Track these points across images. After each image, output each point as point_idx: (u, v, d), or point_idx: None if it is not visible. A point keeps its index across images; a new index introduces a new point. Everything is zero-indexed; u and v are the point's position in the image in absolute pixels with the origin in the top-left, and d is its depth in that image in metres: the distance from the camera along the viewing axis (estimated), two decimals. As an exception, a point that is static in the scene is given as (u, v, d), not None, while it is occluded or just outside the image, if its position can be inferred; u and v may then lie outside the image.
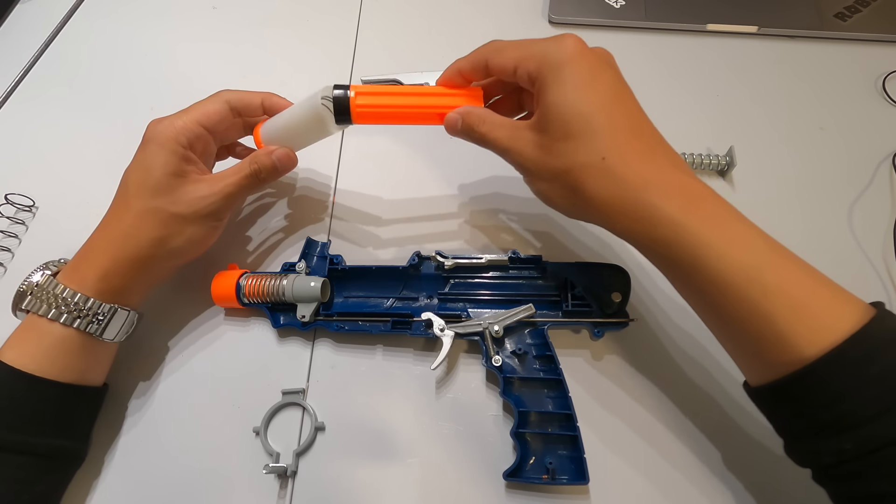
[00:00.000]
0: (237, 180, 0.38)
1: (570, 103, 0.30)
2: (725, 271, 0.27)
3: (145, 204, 0.36)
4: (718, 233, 0.28)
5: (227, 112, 0.39)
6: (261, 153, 0.38)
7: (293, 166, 0.40)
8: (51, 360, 0.33)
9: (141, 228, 0.36)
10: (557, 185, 0.32)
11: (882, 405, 0.24)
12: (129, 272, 0.36)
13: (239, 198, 0.39)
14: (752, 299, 0.27)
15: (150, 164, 0.36)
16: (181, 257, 0.38)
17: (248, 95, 0.40)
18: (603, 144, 0.30)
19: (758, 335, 0.27)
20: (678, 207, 0.29)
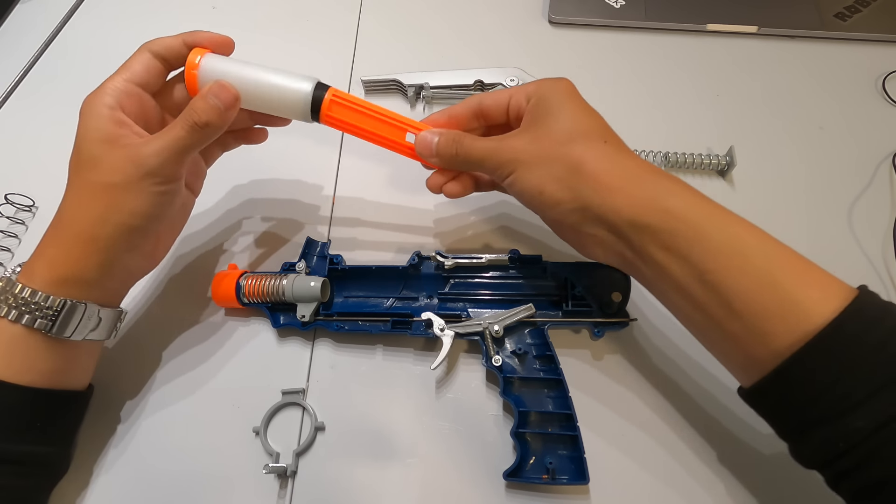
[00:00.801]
0: (175, 134, 0.32)
1: (571, 107, 0.33)
2: (735, 239, 0.28)
3: (77, 180, 0.33)
4: (720, 209, 0.30)
5: (154, 61, 0.35)
6: (196, 99, 0.33)
7: (235, 103, 0.34)
8: (5, 361, 0.31)
9: (79, 206, 0.32)
10: (556, 168, 0.32)
11: (886, 377, 0.24)
12: (77, 258, 0.32)
13: (182, 156, 0.33)
14: (762, 268, 0.27)
15: (79, 137, 0.33)
16: (136, 234, 0.33)
17: (169, 39, 0.36)
18: (604, 135, 0.33)
19: (765, 308, 0.27)
20: (680, 186, 0.31)
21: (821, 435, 0.26)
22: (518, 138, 0.34)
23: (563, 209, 0.32)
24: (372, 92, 0.54)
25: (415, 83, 0.52)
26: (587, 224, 0.32)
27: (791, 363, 0.26)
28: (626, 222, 0.30)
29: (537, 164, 0.33)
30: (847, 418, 0.24)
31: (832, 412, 0.25)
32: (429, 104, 0.53)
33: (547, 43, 0.57)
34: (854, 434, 0.24)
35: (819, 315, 0.26)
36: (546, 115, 0.33)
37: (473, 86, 0.52)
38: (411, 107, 0.53)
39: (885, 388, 0.24)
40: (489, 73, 0.52)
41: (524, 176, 0.33)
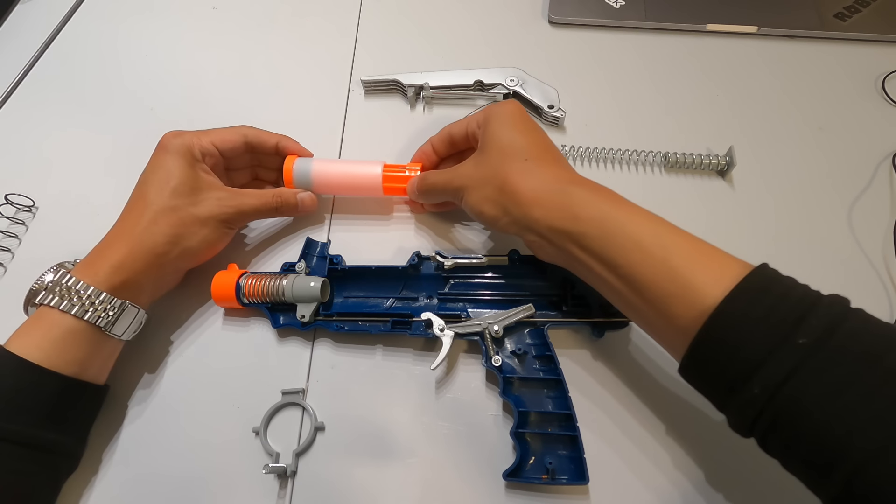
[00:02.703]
0: (257, 203, 0.42)
1: (503, 130, 0.38)
2: (634, 235, 0.31)
3: (166, 203, 0.38)
4: (622, 208, 0.33)
5: (242, 144, 0.43)
6: (287, 192, 0.43)
7: (313, 211, 0.45)
8: (58, 351, 0.34)
9: (159, 224, 0.37)
10: (488, 189, 0.36)
11: (771, 343, 0.26)
12: (141, 268, 0.37)
13: (253, 218, 0.44)
14: (659, 257, 0.30)
15: (170, 167, 0.39)
16: (192, 259, 0.40)
17: (265, 135, 0.44)
18: (526, 153, 0.36)
19: (668, 293, 0.30)
20: (587, 191, 0.34)
21: (733, 405, 0.28)
22: (465, 166, 0.39)
23: (501, 224, 0.36)
24: (372, 92, 0.54)
25: (415, 83, 0.52)
26: (524, 233, 0.36)
27: (697, 342, 0.28)
28: (545, 229, 0.34)
29: (477, 187, 0.37)
30: (746, 387, 0.26)
31: (736, 382, 0.27)
32: (428, 104, 0.53)
33: (547, 43, 0.57)
34: (754, 401, 0.26)
35: (711, 295, 0.28)
36: (486, 141, 0.38)
37: (473, 86, 0.52)
38: (411, 107, 0.53)
39: (771, 356, 0.25)
40: (489, 73, 0.52)
41: (469, 199, 0.38)
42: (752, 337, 0.26)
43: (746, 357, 0.26)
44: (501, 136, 0.37)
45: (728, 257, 0.30)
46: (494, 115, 0.39)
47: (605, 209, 0.33)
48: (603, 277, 0.33)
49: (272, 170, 0.47)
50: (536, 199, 0.34)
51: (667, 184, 0.47)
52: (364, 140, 0.51)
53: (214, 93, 0.55)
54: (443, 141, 0.43)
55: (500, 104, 0.40)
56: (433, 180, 0.41)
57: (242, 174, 0.46)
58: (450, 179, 0.39)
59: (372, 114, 0.53)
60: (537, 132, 0.38)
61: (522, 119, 0.39)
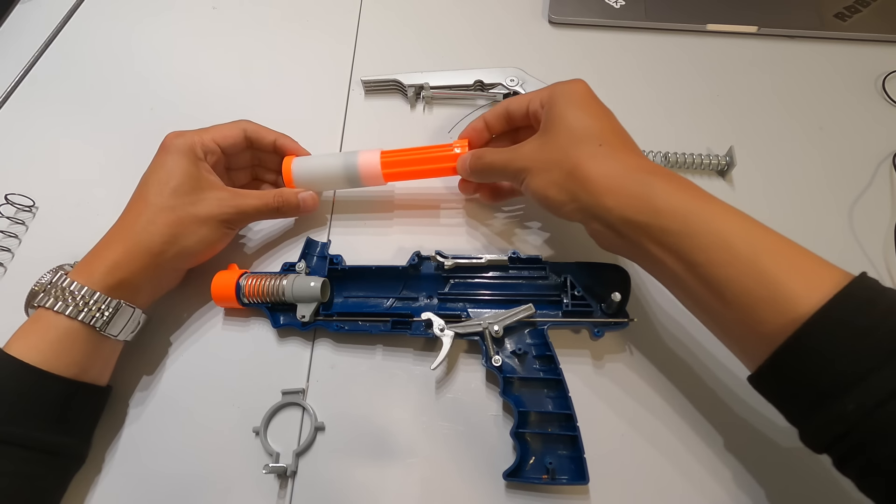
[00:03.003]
0: (258, 203, 0.41)
1: (573, 111, 0.35)
2: (721, 233, 0.29)
3: (165, 202, 0.38)
4: (708, 204, 0.31)
5: (242, 139, 0.43)
6: (288, 192, 0.42)
7: (314, 210, 0.44)
8: (55, 352, 0.34)
9: (157, 224, 0.37)
10: (555, 173, 0.34)
11: (875, 360, 0.24)
12: (138, 267, 0.36)
13: (254, 218, 0.43)
14: (748, 258, 0.28)
15: (171, 168, 0.39)
16: (190, 259, 0.40)
17: (264, 131, 0.44)
18: (599, 137, 0.34)
19: (756, 297, 0.28)
20: (669, 183, 0.32)
21: (818, 419, 0.26)
22: (528, 146, 0.37)
23: (567, 210, 0.35)
24: (372, 92, 0.54)
25: (414, 83, 0.52)
26: (590, 222, 0.34)
27: (783, 350, 0.27)
28: (618, 220, 0.32)
29: (542, 170, 0.35)
30: (838, 403, 0.25)
31: (826, 397, 0.26)
32: (428, 104, 0.53)
33: (547, 43, 0.57)
34: (846, 418, 0.25)
35: (806, 302, 0.26)
36: (553, 121, 0.36)
37: (473, 86, 0.52)
38: (411, 107, 0.53)
39: (873, 372, 0.24)
40: (489, 73, 0.52)
41: (532, 182, 0.36)
42: (851, 351, 0.25)
43: (843, 371, 0.25)
44: (571, 117, 0.35)
45: (825, 263, 0.28)
46: (562, 94, 0.36)
47: (689, 203, 0.31)
48: (677, 275, 0.31)
49: (271, 170, 0.47)
50: (611, 188, 0.32)
51: (667, 184, 0.47)
52: (364, 140, 0.51)
53: (214, 93, 0.55)
54: (499, 117, 0.41)
55: (568, 83, 0.37)
56: (491, 159, 0.38)
57: (242, 174, 0.46)
58: (510, 159, 0.37)
59: (372, 114, 0.53)
60: (610, 116, 0.36)
61: (593, 100, 0.36)
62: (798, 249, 0.29)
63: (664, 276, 0.33)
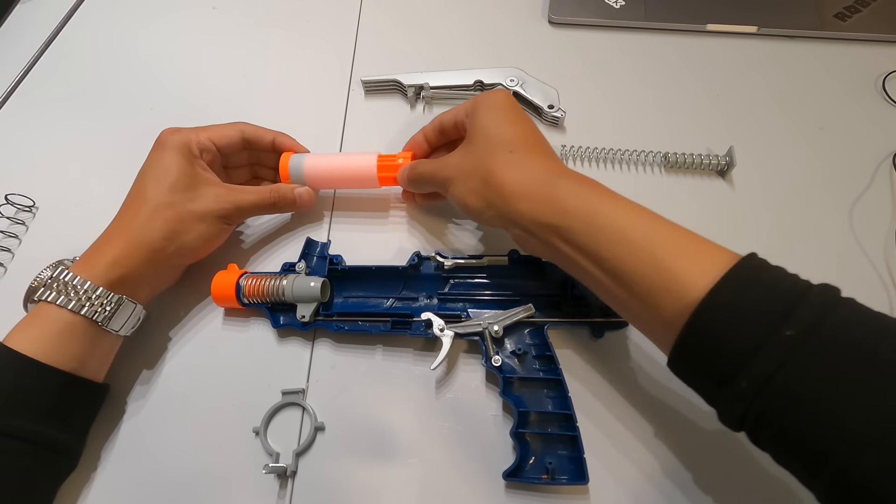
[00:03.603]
0: (254, 198, 0.41)
1: (490, 120, 0.37)
2: (621, 228, 0.31)
3: (163, 198, 0.38)
4: (609, 201, 0.32)
5: (239, 140, 0.43)
6: (285, 187, 0.43)
7: (311, 206, 0.45)
8: (55, 346, 0.34)
9: (156, 220, 0.38)
10: (473, 181, 0.36)
11: (762, 335, 0.25)
12: (138, 263, 0.37)
13: (251, 213, 0.43)
14: (645, 249, 0.30)
15: (167, 164, 0.39)
16: (189, 255, 0.40)
17: (262, 131, 0.44)
18: (512, 144, 0.36)
19: (654, 286, 0.29)
20: (574, 184, 0.33)
21: (721, 398, 0.27)
22: (453, 157, 0.38)
23: (486, 217, 0.36)
24: (372, 92, 0.54)
25: (414, 83, 0.52)
26: (509, 226, 0.35)
27: (683, 335, 0.28)
28: (531, 223, 0.34)
29: (462, 179, 0.37)
30: (734, 380, 0.26)
31: (724, 376, 0.26)
32: (429, 104, 0.53)
33: (547, 43, 0.57)
34: (743, 395, 0.26)
35: (697, 287, 0.27)
36: (474, 130, 0.37)
37: (473, 86, 0.52)
38: (411, 107, 0.53)
39: (759, 349, 0.25)
40: (489, 73, 0.52)
41: (454, 191, 0.37)
42: (739, 328, 0.26)
43: (734, 349, 0.26)
44: (488, 125, 0.37)
45: (717, 249, 0.29)
46: (482, 104, 0.38)
47: (591, 202, 0.32)
48: (589, 272, 0.32)
49: (270, 168, 0.47)
50: (522, 193, 0.34)
51: (667, 184, 0.47)
52: (364, 140, 0.51)
53: (214, 93, 0.55)
54: (434, 130, 0.43)
55: (489, 93, 0.39)
56: (422, 169, 0.40)
57: (241, 172, 0.46)
58: (437, 169, 0.39)
59: (372, 114, 0.53)
60: (525, 122, 0.38)
61: (510, 108, 0.38)
62: (691, 237, 0.30)
63: (580, 275, 0.34)
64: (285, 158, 0.44)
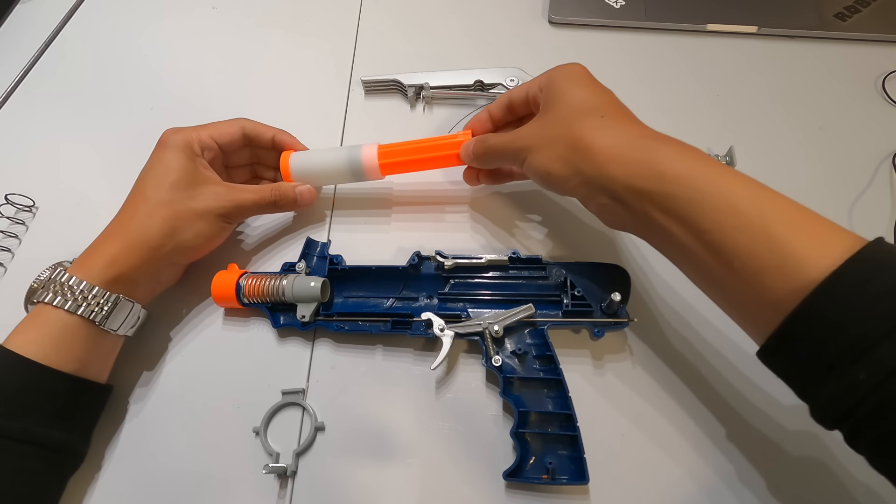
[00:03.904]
0: (255, 197, 0.41)
1: (573, 88, 0.36)
2: (728, 197, 0.28)
3: (163, 196, 0.38)
4: (715, 168, 0.30)
5: (240, 136, 0.43)
6: (286, 186, 0.42)
7: (311, 204, 0.44)
8: (55, 347, 0.34)
9: (154, 218, 0.37)
10: (558, 147, 0.34)
11: (888, 326, 0.23)
12: (136, 262, 0.36)
13: (251, 212, 0.43)
14: (756, 223, 0.27)
15: (168, 163, 0.39)
16: (188, 253, 0.40)
17: (263, 128, 0.44)
18: (602, 109, 0.34)
19: (764, 263, 0.27)
20: (674, 149, 0.31)
21: (829, 389, 0.25)
22: (529, 127, 0.37)
23: (571, 185, 0.34)
24: (372, 92, 0.54)
25: (414, 83, 0.52)
26: (595, 195, 0.33)
27: (793, 317, 0.26)
28: (623, 189, 0.31)
29: (544, 146, 0.35)
30: (850, 371, 0.24)
31: (837, 365, 0.24)
32: (428, 104, 0.53)
33: (547, 43, 0.57)
34: (858, 387, 0.23)
35: (817, 267, 0.25)
36: (553, 101, 0.36)
37: (473, 86, 0.52)
38: (411, 107, 0.53)
39: (885, 339, 0.23)
40: (489, 73, 0.52)
41: (534, 160, 0.35)
42: (864, 315, 0.23)
43: (855, 337, 0.23)
44: (570, 94, 0.35)
45: (838, 228, 0.27)
46: (561, 74, 0.37)
47: (695, 168, 0.30)
48: (684, 244, 0.30)
49: (270, 167, 0.47)
50: (615, 156, 0.32)
51: (667, 184, 0.47)
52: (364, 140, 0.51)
53: (214, 93, 0.55)
54: (501, 107, 0.41)
55: (565, 65, 0.38)
56: (494, 142, 0.39)
57: (242, 171, 0.46)
58: (512, 139, 0.37)
59: (372, 114, 0.53)
60: (609, 92, 0.36)
61: (591, 79, 0.37)
62: (809, 214, 0.28)
63: (671, 248, 0.32)
64: (286, 157, 0.44)
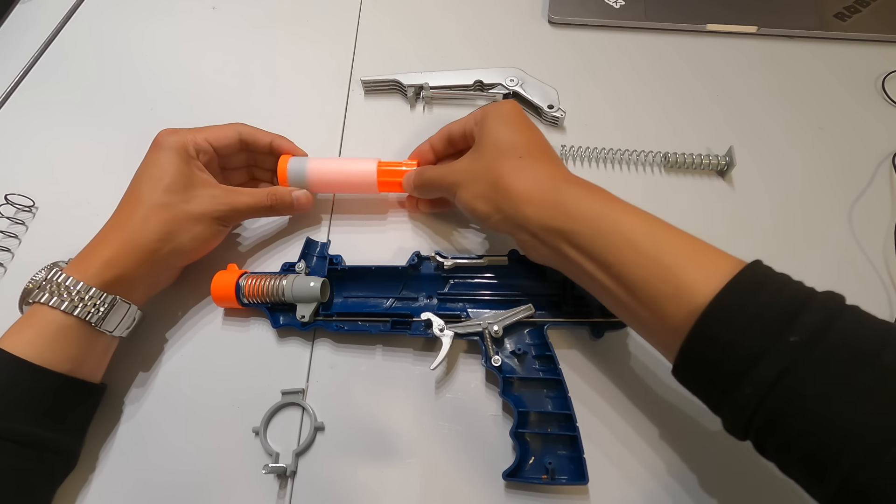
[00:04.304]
0: (251, 201, 0.41)
1: (499, 128, 0.38)
2: (627, 233, 0.31)
3: (158, 199, 0.38)
4: (615, 206, 0.33)
5: (236, 141, 0.43)
6: (283, 190, 0.43)
7: (308, 209, 0.44)
8: (50, 348, 0.34)
9: (151, 221, 0.37)
10: (481, 186, 0.36)
11: (766, 341, 0.25)
12: (132, 264, 0.36)
13: (247, 216, 0.44)
14: (652, 255, 0.30)
15: (163, 165, 0.39)
16: (184, 256, 0.40)
17: (260, 133, 0.44)
18: (521, 150, 0.36)
19: (660, 292, 0.29)
20: (580, 189, 0.34)
21: (727, 406, 0.27)
22: (461, 162, 0.39)
23: (492, 221, 0.36)
24: (372, 92, 0.54)
25: (414, 83, 0.52)
26: (516, 231, 0.35)
27: (688, 341, 0.28)
28: (537, 227, 0.34)
29: (470, 183, 0.37)
30: (739, 387, 0.26)
31: (729, 382, 0.26)
32: (428, 104, 0.53)
33: (547, 43, 0.57)
34: (747, 401, 0.25)
35: (703, 292, 0.27)
36: (482, 137, 0.38)
37: (473, 86, 0.52)
38: (411, 107, 0.53)
39: (764, 355, 0.25)
40: (489, 73, 0.52)
41: (462, 195, 0.38)
42: (743, 335, 0.26)
43: (738, 355, 0.26)
44: (497, 133, 0.37)
45: (722, 255, 0.29)
46: (491, 113, 0.39)
47: (597, 207, 0.33)
48: (595, 277, 0.32)
49: (268, 170, 0.47)
50: (529, 197, 0.34)
51: (667, 184, 0.47)
52: (364, 140, 0.51)
53: (214, 93, 0.55)
54: (442, 139, 0.43)
55: (498, 103, 0.40)
56: (429, 175, 0.41)
57: (239, 174, 0.46)
58: (445, 174, 0.39)
59: (372, 114, 0.53)
60: (533, 131, 0.39)
61: (519, 118, 0.39)
62: (697, 244, 0.30)
63: (585, 281, 0.34)
64: (283, 161, 0.44)
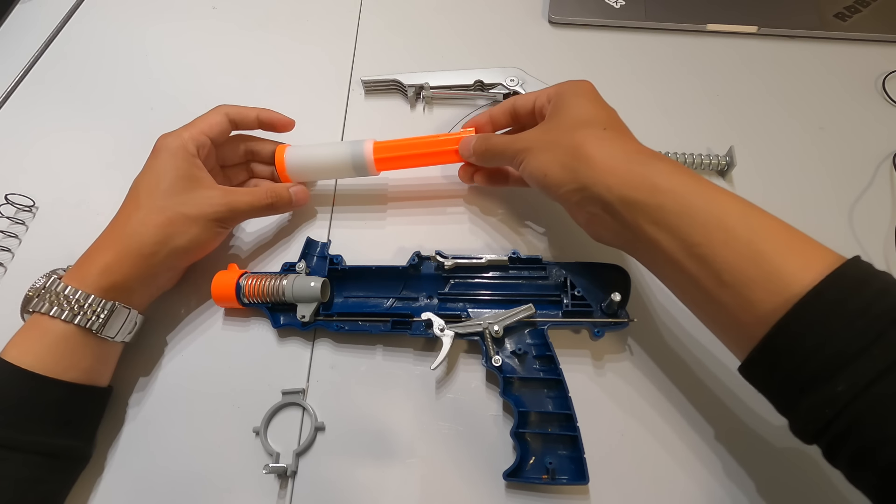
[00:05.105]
0: (250, 200, 0.41)
1: (580, 102, 0.37)
2: (719, 213, 0.29)
3: (155, 203, 0.38)
4: (708, 186, 0.31)
5: (227, 123, 0.43)
6: (280, 187, 0.42)
7: (306, 203, 0.44)
8: (54, 357, 0.34)
9: (148, 225, 0.37)
10: (558, 152, 0.35)
11: (865, 340, 0.24)
12: (130, 269, 0.36)
13: (247, 216, 0.43)
14: (745, 238, 0.28)
15: (161, 169, 0.39)
16: (183, 258, 0.39)
17: (245, 109, 0.44)
18: (605, 123, 0.36)
19: (751, 278, 0.28)
20: (669, 166, 0.33)
21: (808, 402, 0.26)
22: (532, 131, 0.38)
23: (565, 190, 0.35)
24: (372, 92, 0.54)
25: (414, 83, 0.52)
26: (587, 203, 0.34)
27: (775, 331, 0.26)
28: (617, 199, 0.32)
29: (544, 150, 0.36)
30: (829, 384, 0.24)
31: (816, 379, 0.25)
32: (428, 104, 0.53)
33: (547, 43, 0.57)
34: (836, 400, 0.24)
35: (799, 282, 0.26)
36: (559, 109, 0.37)
37: (473, 86, 0.52)
38: (411, 107, 0.53)
39: (864, 353, 0.24)
40: (489, 73, 0.52)
41: (532, 161, 0.36)
42: (843, 330, 0.24)
43: (834, 351, 0.24)
44: (578, 106, 0.36)
45: (822, 247, 0.28)
46: (570, 87, 0.38)
47: (688, 184, 0.31)
48: (672, 257, 0.31)
49: (266, 163, 0.46)
50: (613, 168, 0.33)
51: (667, 184, 0.47)
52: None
53: (214, 93, 0.55)
54: (505, 112, 0.42)
55: (576, 81, 0.39)
56: (495, 140, 0.40)
57: (238, 171, 0.46)
58: (513, 140, 0.38)
59: (372, 114, 0.53)
60: (613, 110, 0.38)
61: (598, 95, 0.38)
62: (794, 232, 0.29)
63: (659, 261, 0.32)
64: (280, 152, 0.44)
